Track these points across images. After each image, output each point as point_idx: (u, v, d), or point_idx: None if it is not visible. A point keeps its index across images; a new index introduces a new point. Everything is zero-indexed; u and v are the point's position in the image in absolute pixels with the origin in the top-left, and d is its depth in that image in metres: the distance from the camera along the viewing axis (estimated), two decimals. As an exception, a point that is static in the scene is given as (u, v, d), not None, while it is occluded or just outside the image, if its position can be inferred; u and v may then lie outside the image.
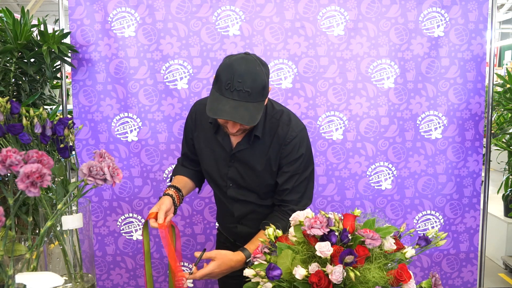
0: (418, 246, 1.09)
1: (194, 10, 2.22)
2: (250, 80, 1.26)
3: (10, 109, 1.21)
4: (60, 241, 1.11)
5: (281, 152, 1.44)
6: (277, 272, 0.96)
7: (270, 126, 1.45)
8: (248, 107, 1.26)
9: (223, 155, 1.51)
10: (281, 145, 1.44)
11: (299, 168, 1.45)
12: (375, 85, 2.28)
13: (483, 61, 2.29)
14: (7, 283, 0.83)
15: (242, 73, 1.26)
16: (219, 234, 1.79)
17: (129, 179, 2.31)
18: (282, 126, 1.44)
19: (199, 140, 1.57)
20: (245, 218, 1.59)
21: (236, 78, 1.25)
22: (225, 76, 1.27)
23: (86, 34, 2.21)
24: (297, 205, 1.46)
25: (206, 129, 1.54)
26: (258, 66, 1.29)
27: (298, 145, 1.44)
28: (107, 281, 2.38)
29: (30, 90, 2.13)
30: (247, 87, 1.25)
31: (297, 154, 1.44)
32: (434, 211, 2.37)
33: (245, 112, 1.25)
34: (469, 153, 2.34)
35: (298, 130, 1.45)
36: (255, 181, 1.50)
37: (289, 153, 1.44)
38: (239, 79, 1.25)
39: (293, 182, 1.45)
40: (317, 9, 2.24)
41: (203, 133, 1.55)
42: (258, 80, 1.27)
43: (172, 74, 2.25)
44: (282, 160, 1.45)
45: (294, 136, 1.43)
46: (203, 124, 1.55)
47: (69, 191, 1.01)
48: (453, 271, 2.43)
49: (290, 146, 1.43)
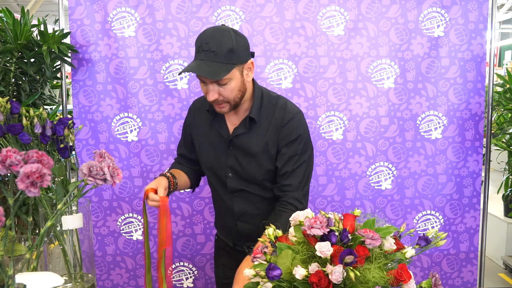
0: (418, 246, 1.09)
1: (194, 10, 2.22)
2: (216, 42, 1.33)
3: (10, 109, 1.21)
4: (60, 241, 1.11)
5: (279, 134, 1.46)
6: (277, 272, 0.96)
7: (266, 110, 1.49)
8: (212, 65, 1.32)
9: (221, 143, 1.53)
10: (278, 127, 1.46)
11: (297, 149, 1.46)
12: (375, 85, 2.28)
13: (483, 61, 2.29)
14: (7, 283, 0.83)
15: (208, 36, 1.34)
16: (218, 240, 1.76)
17: (129, 179, 2.31)
18: (279, 110, 1.48)
19: (198, 135, 1.59)
20: (245, 214, 1.57)
21: (203, 41, 1.34)
22: (197, 42, 1.37)
23: (86, 34, 2.21)
24: (297, 190, 1.46)
25: (204, 122, 1.57)
26: (227, 32, 1.36)
27: (295, 126, 1.46)
28: (107, 281, 2.38)
29: (30, 90, 2.13)
30: (213, 48, 1.32)
31: (295, 135, 1.46)
32: (434, 211, 2.37)
33: (207, 67, 1.32)
34: (469, 153, 2.34)
35: (294, 112, 1.48)
36: (254, 168, 1.50)
37: (286, 135, 1.46)
38: (206, 41, 1.33)
39: (292, 165, 1.46)
40: (317, 9, 2.24)
41: (201, 128, 1.58)
42: (223, 42, 1.33)
43: (172, 74, 2.25)
44: (280, 142, 1.46)
45: (290, 118, 1.46)
46: (201, 118, 1.59)
47: (69, 191, 1.01)
48: (453, 271, 2.43)
49: (287, 127, 1.45)
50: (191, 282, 2.40)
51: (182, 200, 2.33)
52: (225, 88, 1.37)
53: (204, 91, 1.42)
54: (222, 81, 1.35)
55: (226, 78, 1.35)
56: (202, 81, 1.39)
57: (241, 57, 1.37)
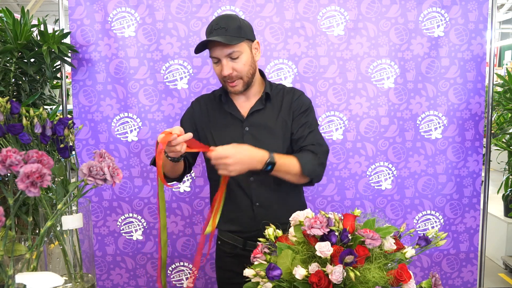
0: (418, 246, 1.09)
1: (194, 10, 2.22)
2: (225, 21, 1.47)
3: (10, 109, 1.21)
4: (60, 241, 1.11)
5: (292, 106, 1.57)
6: (277, 272, 0.96)
7: (276, 93, 1.60)
8: (224, 37, 1.43)
9: (236, 125, 1.57)
10: (290, 102, 1.58)
11: (309, 118, 1.58)
12: (375, 85, 2.28)
13: (483, 61, 2.29)
14: (7, 283, 0.83)
15: (218, 19, 1.49)
16: (222, 244, 1.67)
17: (129, 179, 2.31)
18: (287, 91, 1.61)
19: (208, 123, 1.58)
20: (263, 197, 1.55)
21: (213, 24, 1.47)
22: (207, 29, 1.49)
23: (86, 34, 2.21)
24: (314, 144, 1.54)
25: (213, 111, 1.60)
26: (234, 15, 1.52)
27: (304, 100, 1.59)
28: (107, 281, 2.38)
29: (30, 90, 2.13)
30: (223, 25, 1.45)
31: (305, 107, 1.58)
32: (434, 211, 2.37)
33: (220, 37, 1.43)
34: (469, 153, 2.34)
35: (300, 92, 1.62)
36: (272, 142, 1.54)
37: (299, 106, 1.57)
38: (215, 23, 1.47)
39: (307, 129, 1.55)
40: (317, 9, 2.24)
41: (211, 116, 1.60)
42: (232, 21, 1.47)
43: (172, 74, 2.25)
44: (294, 112, 1.57)
45: (300, 94, 1.60)
46: (208, 109, 1.61)
47: (69, 191, 1.01)
48: (453, 271, 2.43)
49: (298, 100, 1.58)
50: (191, 282, 2.39)
51: (182, 200, 2.33)
52: (238, 62, 1.46)
53: (218, 70, 1.50)
54: (234, 54, 1.45)
55: (238, 51, 1.46)
56: (215, 60, 1.48)
57: (248, 34, 1.50)
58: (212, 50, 1.47)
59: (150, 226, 2.34)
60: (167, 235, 2.34)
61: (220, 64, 1.48)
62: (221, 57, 1.46)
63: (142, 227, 2.34)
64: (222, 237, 1.67)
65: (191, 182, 2.32)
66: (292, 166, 1.46)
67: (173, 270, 2.39)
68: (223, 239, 1.66)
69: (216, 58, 1.47)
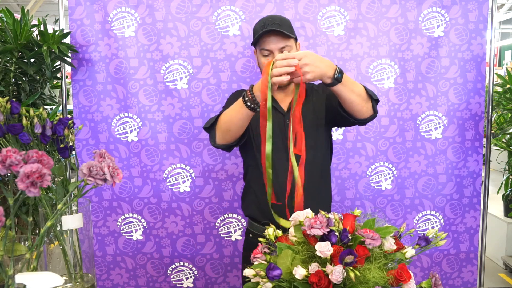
0: (418, 246, 1.09)
1: (194, 10, 2.22)
2: (278, 20, 1.55)
3: (10, 109, 1.21)
4: (60, 241, 1.11)
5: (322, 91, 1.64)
6: (277, 272, 0.96)
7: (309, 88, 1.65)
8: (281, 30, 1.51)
9: (279, 118, 1.59)
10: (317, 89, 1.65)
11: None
12: (375, 85, 2.28)
13: (483, 61, 2.29)
14: (7, 283, 0.83)
15: (270, 16, 1.58)
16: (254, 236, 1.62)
17: (129, 179, 2.30)
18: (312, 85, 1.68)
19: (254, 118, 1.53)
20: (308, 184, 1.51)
21: (266, 21, 1.54)
22: (258, 24, 1.57)
23: (86, 34, 2.21)
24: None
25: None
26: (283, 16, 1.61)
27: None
28: (107, 281, 2.38)
29: (30, 90, 2.13)
30: (277, 22, 1.53)
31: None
32: (434, 211, 2.37)
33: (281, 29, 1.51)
34: (469, 153, 2.34)
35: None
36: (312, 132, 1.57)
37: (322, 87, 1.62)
38: (269, 19, 1.55)
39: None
40: (317, 9, 2.24)
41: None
42: (284, 19, 1.57)
43: (172, 74, 2.25)
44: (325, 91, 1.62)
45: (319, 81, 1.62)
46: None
47: (69, 191, 1.01)
48: (453, 271, 2.43)
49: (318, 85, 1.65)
50: (191, 282, 2.40)
51: (182, 200, 2.33)
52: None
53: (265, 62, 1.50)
54: (287, 49, 1.52)
55: (289, 46, 1.53)
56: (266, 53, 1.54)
57: (295, 34, 1.58)
58: (266, 42, 1.53)
59: (150, 226, 2.34)
60: (167, 235, 2.35)
61: (270, 57, 1.53)
62: (275, 49, 1.52)
63: (142, 227, 2.34)
64: (254, 230, 1.66)
65: (191, 182, 2.32)
66: (357, 85, 1.45)
67: (173, 270, 2.39)
68: (255, 232, 1.64)
69: (268, 51, 1.53)
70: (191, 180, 2.32)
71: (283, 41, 1.52)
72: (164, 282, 2.39)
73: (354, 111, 1.47)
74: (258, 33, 1.54)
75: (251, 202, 1.67)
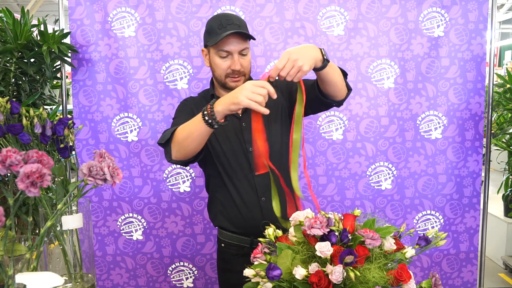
0: (418, 246, 1.09)
1: (194, 10, 2.22)
2: (236, 18, 1.48)
3: (10, 109, 1.21)
4: (60, 241, 1.11)
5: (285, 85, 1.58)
6: (277, 272, 0.96)
7: None
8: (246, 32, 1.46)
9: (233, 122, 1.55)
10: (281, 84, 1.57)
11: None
12: (375, 85, 2.28)
13: (483, 61, 2.29)
14: (7, 283, 0.83)
15: (226, 15, 1.49)
16: (227, 247, 1.61)
17: (129, 179, 2.30)
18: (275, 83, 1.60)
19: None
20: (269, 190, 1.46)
21: (224, 20, 1.46)
22: (214, 23, 1.47)
23: (86, 34, 2.21)
24: None
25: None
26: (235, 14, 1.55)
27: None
28: (107, 281, 2.38)
29: (30, 90, 2.13)
30: (236, 22, 1.46)
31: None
32: (434, 211, 2.37)
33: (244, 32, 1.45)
34: (469, 153, 2.34)
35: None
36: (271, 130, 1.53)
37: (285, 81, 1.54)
38: (226, 18, 1.47)
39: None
40: (317, 9, 2.24)
41: None
42: (240, 19, 1.50)
43: (172, 74, 2.25)
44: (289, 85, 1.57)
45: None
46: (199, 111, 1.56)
47: (69, 191, 1.01)
48: (453, 271, 2.43)
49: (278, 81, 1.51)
50: (191, 282, 2.40)
51: (182, 200, 2.33)
52: (245, 58, 1.49)
53: (225, 65, 1.48)
54: (245, 51, 1.48)
55: (247, 48, 1.49)
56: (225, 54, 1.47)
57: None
58: (226, 44, 1.45)
59: (150, 226, 2.34)
60: (167, 235, 2.35)
61: (228, 59, 1.47)
62: (235, 51, 1.46)
63: (142, 227, 2.34)
64: (225, 239, 1.62)
65: (191, 182, 2.32)
66: (336, 67, 1.42)
67: (173, 270, 2.39)
68: (227, 241, 1.61)
69: (226, 52, 1.46)
70: (191, 180, 2.32)
71: (243, 43, 1.46)
72: (164, 282, 2.39)
73: (336, 91, 1.44)
74: (217, 33, 1.45)
75: (218, 213, 1.62)
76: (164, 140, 1.43)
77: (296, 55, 1.27)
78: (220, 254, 1.67)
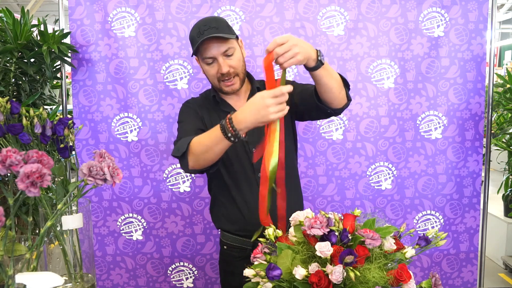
0: (418, 246, 1.09)
1: (194, 10, 2.22)
2: (214, 22, 1.45)
3: (10, 109, 1.21)
4: (60, 241, 1.11)
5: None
6: (277, 272, 0.96)
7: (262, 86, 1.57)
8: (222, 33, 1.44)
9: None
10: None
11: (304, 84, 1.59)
12: (375, 85, 2.28)
13: (483, 61, 2.29)
14: (7, 283, 0.83)
15: (204, 21, 1.47)
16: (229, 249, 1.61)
17: (129, 179, 2.30)
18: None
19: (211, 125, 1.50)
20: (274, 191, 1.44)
21: (201, 26, 1.45)
22: (194, 32, 1.46)
23: (86, 34, 2.21)
24: None
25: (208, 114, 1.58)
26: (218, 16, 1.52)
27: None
28: (107, 281, 2.38)
29: (30, 90, 2.13)
30: (213, 25, 1.43)
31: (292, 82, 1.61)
32: (434, 211, 2.37)
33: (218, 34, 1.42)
34: (469, 153, 2.34)
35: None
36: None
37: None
38: (204, 24, 1.45)
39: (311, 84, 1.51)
40: (317, 9, 2.24)
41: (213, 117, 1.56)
42: (219, 20, 1.47)
43: (172, 74, 2.25)
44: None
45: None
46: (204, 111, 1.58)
47: (69, 191, 1.01)
48: (453, 271, 2.43)
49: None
50: (191, 282, 2.40)
51: (182, 200, 2.33)
52: (233, 59, 1.47)
53: (213, 71, 1.48)
54: (230, 51, 1.45)
55: (232, 47, 1.45)
56: (210, 61, 1.46)
57: (234, 33, 1.50)
58: (207, 50, 1.44)
59: (150, 226, 2.34)
60: (167, 235, 2.35)
61: (215, 64, 1.46)
62: (218, 55, 1.44)
63: (142, 227, 2.34)
64: (228, 241, 1.61)
65: (191, 182, 2.32)
66: (334, 70, 1.41)
67: (173, 270, 2.39)
68: (230, 243, 1.61)
69: (211, 59, 1.45)
70: (191, 180, 2.32)
71: (224, 44, 1.44)
72: (164, 282, 2.39)
73: (332, 99, 1.42)
74: (197, 41, 1.44)
75: (220, 215, 1.62)
76: (179, 153, 1.43)
77: (296, 41, 1.26)
78: (222, 256, 1.67)
